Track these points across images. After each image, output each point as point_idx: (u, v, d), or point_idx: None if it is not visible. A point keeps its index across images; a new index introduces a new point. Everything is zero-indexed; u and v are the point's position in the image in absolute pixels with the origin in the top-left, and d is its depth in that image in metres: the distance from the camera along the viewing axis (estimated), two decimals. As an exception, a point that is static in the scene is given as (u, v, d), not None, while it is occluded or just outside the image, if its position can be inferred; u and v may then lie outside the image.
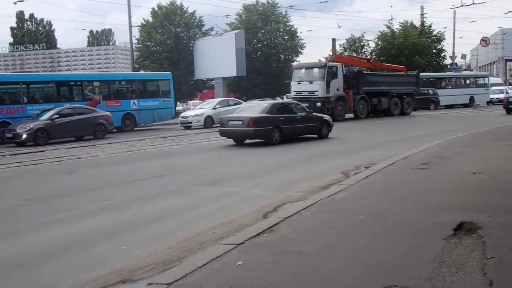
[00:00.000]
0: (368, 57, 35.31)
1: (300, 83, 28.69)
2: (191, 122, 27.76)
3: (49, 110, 21.72)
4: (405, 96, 32.51)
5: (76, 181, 11.34)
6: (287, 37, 50.06)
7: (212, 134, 21.95)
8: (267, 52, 47.92)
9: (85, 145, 19.55)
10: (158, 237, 6.41)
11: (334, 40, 50.65)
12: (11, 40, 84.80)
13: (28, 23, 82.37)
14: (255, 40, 48.00)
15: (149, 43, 45.11)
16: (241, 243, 5.42)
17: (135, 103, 27.64)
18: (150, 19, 45.97)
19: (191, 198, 8.97)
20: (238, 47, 40.32)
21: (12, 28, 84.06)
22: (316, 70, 28.60)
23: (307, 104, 23.86)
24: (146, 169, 12.74)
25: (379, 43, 48.32)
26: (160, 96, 29.27)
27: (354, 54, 43.57)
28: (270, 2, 49.36)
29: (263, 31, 48.21)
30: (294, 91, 28.92)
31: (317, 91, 27.55)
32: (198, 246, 5.83)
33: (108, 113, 23.65)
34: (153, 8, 46.17)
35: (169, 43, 44.30)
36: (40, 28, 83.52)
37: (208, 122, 27.51)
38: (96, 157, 15.86)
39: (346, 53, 46.39)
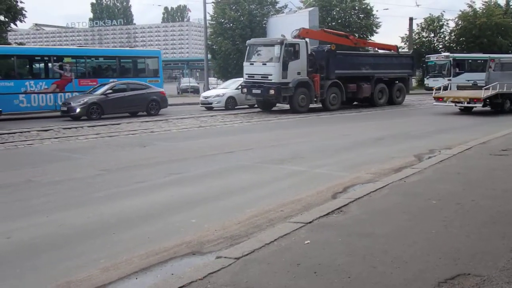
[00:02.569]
0: (347, 32, 27.35)
1: (252, 64, 22.80)
2: (211, 103, 25.44)
3: (104, 84, 22.04)
4: (396, 82, 27.35)
5: (149, 154, 11.71)
6: (362, 15, 48.81)
7: (279, 114, 21.98)
8: (341, 31, 47.05)
9: (158, 119, 20.06)
10: (227, 212, 6.52)
11: (411, 19, 49.00)
12: (91, 15, 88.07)
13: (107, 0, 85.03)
14: (329, 18, 47.17)
15: (222, 20, 45.38)
16: (310, 222, 5.41)
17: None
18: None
19: (259, 175, 9.04)
20: (312, 25, 39.62)
21: (92, 4, 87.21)
22: (270, 48, 22.53)
23: (258, 91, 22.02)
24: (216, 145, 12.95)
25: (460, 23, 46.23)
26: (146, 75, 26.21)
27: (330, 29, 33.32)
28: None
29: (337, 8, 47.27)
30: (246, 74, 23.18)
31: (270, 74, 21.70)
32: (266, 223, 5.88)
33: (162, 90, 23.39)
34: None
35: (243, 20, 44.37)
36: (118, 4, 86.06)
37: (230, 103, 25.24)
38: (168, 131, 16.28)
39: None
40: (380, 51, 30.36)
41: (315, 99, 22.92)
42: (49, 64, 23.09)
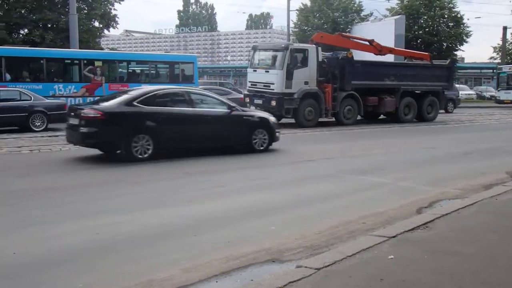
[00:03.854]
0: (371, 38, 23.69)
1: (256, 71, 20.35)
2: None
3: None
4: (427, 96, 23.62)
5: (231, 160, 11.83)
6: (451, 24, 47.17)
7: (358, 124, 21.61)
8: (428, 40, 45.62)
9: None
10: (306, 221, 6.47)
11: (505, 29, 46.80)
12: (177, 22, 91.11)
13: (193, 6, 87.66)
14: (416, 27, 45.98)
15: (306, 28, 45.47)
16: (393, 237, 5.25)
17: None
18: (308, 3, 46.29)
19: (339, 184, 8.91)
20: (398, 34, 38.88)
21: (178, 11, 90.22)
22: (274, 54, 19.80)
23: (260, 101, 19.46)
24: (298, 152, 12.94)
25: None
26: (181, 81, 24.72)
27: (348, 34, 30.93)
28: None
29: (425, 17, 45.97)
30: (249, 82, 20.88)
31: (272, 83, 19.12)
32: (347, 234, 5.78)
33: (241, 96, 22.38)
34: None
35: (326, 27, 44.21)
36: (203, 12, 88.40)
37: None
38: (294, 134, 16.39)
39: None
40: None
41: (325, 113, 20.07)
42: (80, 68, 22.46)
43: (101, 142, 11.03)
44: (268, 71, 19.44)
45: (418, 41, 46.45)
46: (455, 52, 47.13)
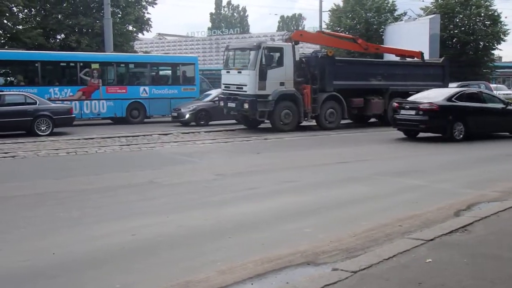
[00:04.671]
0: (355, 36, 21.63)
1: (229, 72, 19.10)
2: None
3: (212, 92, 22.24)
4: None
5: (262, 161, 11.90)
6: (488, 22, 46.12)
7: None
8: (464, 39, 44.69)
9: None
10: (341, 223, 6.44)
11: (544, 26, 45.53)
12: (209, 25, 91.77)
13: (225, 9, 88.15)
14: (451, 26, 45.11)
15: (338, 28, 45.12)
16: (431, 240, 5.17)
17: (146, 90, 23.19)
18: (341, 4, 46.00)
19: (375, 187, 8.80)
20: (432, 33, 38.29)
21: (211, 14, 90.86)
22: (246, 53, 18.61)
23: (233, 105, 18.40)
24: (330, 154, 12.88)
25: None
26: (181, 83, 24.43)
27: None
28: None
29: (461, 15, 45.09)
30: (223, 84, 19.54)
31: (245, 85, 17.83)
32: (383, 237, 5.70)
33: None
34: (343, -8, 46.14)
35: (359, 28, 43.81)
36: (235, 14, 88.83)
37: None
38: (280, 139, 16.44)
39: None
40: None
41: (305, 116, 18.77)
42: (76, 71, 22.01)
43: (434, 127, 15.16)
44: (240, 72, 18.27)
45: (454, 40, 45.63)
46: (492, 51, 46.05)
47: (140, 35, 39.93)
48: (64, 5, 34.10)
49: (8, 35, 31.25)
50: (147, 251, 5.41)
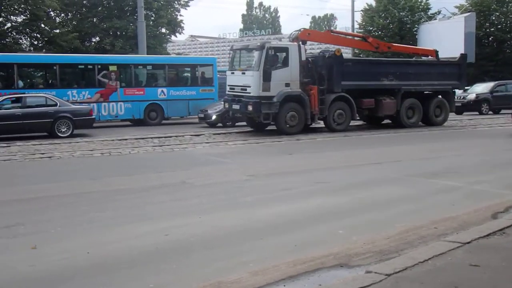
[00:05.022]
0: (365, 34, 20.24)
1: (233, 73, 18.48)
2: None
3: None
4: (435, 96, 20.88)
5: (295, 162, 11.87)
6: (526, 19, 45.03)
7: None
8: (501, 37, 43.69)
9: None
10: (375, 225, 6.35)
11: None
12: (241, 26, 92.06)
13: (257, 10, 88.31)
14: (487, 24, 44.17)
15: (371, 28, 44.73)
16: (468, 243, 5.04)
17: (164, 91, 23.08)
18: (373, 4, 45.57)
19: (409, 188, 8.68)
20: (468, 31, 37.55)
21: (243, 15, 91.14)
22: (250, 54, 18.08)
23: (237, 107, 17.81)
24: (363, 155, 12.76)
25: None
26: (199, 84, 24.26)
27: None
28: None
29: (497, 13, 44.10)
30: (228, 85, 18.80)
31: (248, 86, 17.26)
32: (418, 239, 5.60)
33: None
34: (378, -8, 45.72)
35: (392, 27, 43.36)
36: (267, 15, 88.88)
37: None
38: (313, 140, 16.36)
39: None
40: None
41: (311, 117, 17.94)
42: (93, 73, 22.00)
43: None
44: (244, 73, 17.66)
45: (490, 38, 44.67)
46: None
47: (173, 37, 40.37)
48: (99, 8, 34.78)
49: (46, 39, 32.02)
50: (180, 252, 5.45)
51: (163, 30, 37.37)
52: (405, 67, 20.49)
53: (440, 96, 20.98)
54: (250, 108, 17.06)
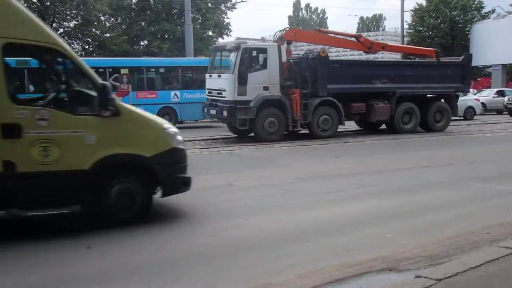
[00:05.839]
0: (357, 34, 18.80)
1: (211, 76, 17.29)
2: None
3: None
4: (436, 100, 19.35)
5: (341, 165, 11.80)
6: None
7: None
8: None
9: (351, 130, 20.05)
10: (424, 229, 6.29)
11: None
12: (288, 28, 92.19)
13: (303, 11, 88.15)
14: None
15: (421, 28, 43.93)
16: (522, 249, 4.93)
17: (177, 94, 22.36)
18: (424, 3, 44.74)
19: (459, 192, 8.52)
20: (525, 32, 36.32)
21: (289, 17, 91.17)
22: (226, 55, 16.86)
23: (214, 112, 16.67)
24: (410, 158, 12.61)
25: None
26: None
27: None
28: None
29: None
30: (206, 89, 17.72)
31: (224, 90, 16.10)
32: (469, 245, 5.49)
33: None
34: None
35: (443, 27, 42.44)
36: (314, 16, 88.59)
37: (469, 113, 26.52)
38: (361, 143, 16.22)
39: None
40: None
41: (293, 123, 16.58)
42: (105, 76, 20.70)
43: None
44: (220, 76, 16.57)
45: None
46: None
47: (220, 39, 40.84)
48: (148, 12, 35.54)
49: (96, 43, 33.00)
50: (228, 253, 5.55)
51: (210, 33, 37.84)
52: (400, 68, 19.11)
53: (442, 100, 19.60)
54: (225, 113, 15.92)
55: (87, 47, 34.10)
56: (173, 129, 7.10)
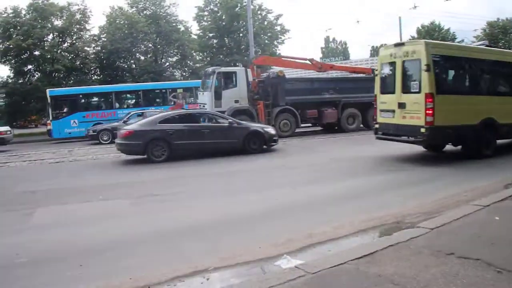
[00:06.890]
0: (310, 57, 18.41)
1: (201, 93, 17.20)
2: None
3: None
4: (373, 106, 16.08)
5: (369, 148, 11.57)
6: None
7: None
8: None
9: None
10: (424, 194, 6.25)
11: None
12: (321, 55, 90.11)
13: (331, 43, 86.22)
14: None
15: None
16: (487, 205, 4.91)
17: None
18: (416, 36, 42.58)
19: (444, 168, 8.36)
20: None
21: (321, 48, 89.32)
22: (208, 77, 16.64)
23: None
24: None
25: None
26: None
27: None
28: (509, 18, 39.75)
29: (503, 41, 39.09)
30: (198, 102, 17.69)
31: (205, 104, 16.08)
32: (453, 204, 5.48)
33: None
34: (418, 27, 42.98)
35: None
36: (339, 47, 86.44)
37: None
38: (312, 140, 15.67)
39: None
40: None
41: None
42: (166, 95, 21.47)
43: None
44: (203, 93, 16.58)
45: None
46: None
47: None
48: (224, 48, 36.10)
49: (190, 71, 34.06)
50: (286, 211, 5.73)
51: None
52: (344, 82, 18.36)
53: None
54: None
55: (184, 74, 35.10)
56: None
